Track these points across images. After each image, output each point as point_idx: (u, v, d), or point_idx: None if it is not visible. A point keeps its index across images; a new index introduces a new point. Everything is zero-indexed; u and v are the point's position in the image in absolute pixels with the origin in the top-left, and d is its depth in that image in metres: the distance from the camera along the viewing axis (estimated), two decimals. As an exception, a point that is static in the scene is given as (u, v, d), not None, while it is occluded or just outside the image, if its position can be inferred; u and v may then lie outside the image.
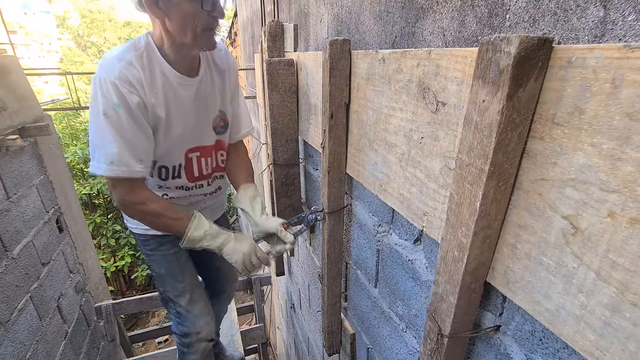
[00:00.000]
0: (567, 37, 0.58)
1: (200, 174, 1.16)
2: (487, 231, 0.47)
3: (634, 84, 0.31)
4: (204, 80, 1.05)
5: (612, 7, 0.50)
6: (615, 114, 0.33)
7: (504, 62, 0.37)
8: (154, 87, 0.93)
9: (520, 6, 0.64)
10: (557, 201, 0.39)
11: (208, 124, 1.10)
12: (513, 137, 0.41)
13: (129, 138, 0.90)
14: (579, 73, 0.36)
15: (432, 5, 0.86)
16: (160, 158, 1.05)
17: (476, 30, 0.74)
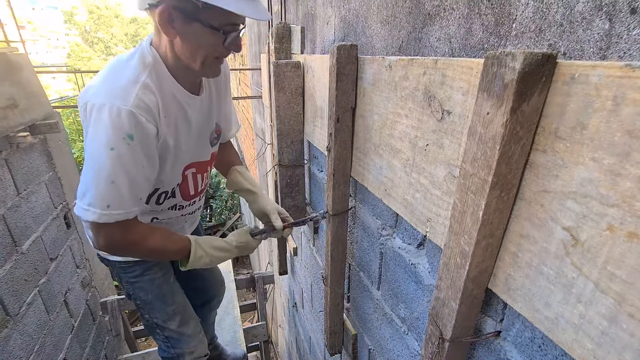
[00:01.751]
0: (572, 48, 0.58)
1: (196, 191, 1.09)
2: (489, 239, 0.48)
3: (635, 102, 0.32)
4: (205, 99, 0.99)
5: (618, 21, 0.50)
6: (616, 131, 0.34)
7: (509, 76, 0.38)
8: (167, 112, 0.84)
9: (526, 16, 0.65)
10: (558, 213, 0.40)
11: (207, 140, 1.05)
12: (516, 150, 0.42)
13: (134, 176, 0.79)
14: (582, 89, 0.37)
15: (439, 12, 0.87)
16: (163, 184, 0.97)
17: (482, 38, 0.75)
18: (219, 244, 1.02)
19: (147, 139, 0.79)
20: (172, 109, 0.86)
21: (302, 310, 2.10)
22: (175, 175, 0.98)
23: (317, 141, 1.31)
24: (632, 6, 0.49)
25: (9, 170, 1.61)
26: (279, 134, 1.40)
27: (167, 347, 1.23)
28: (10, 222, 1.58)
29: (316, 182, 1.49)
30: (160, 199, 1.00)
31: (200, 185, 1.09)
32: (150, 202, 0.99)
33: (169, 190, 1.00)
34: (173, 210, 1.07)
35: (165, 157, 0.89)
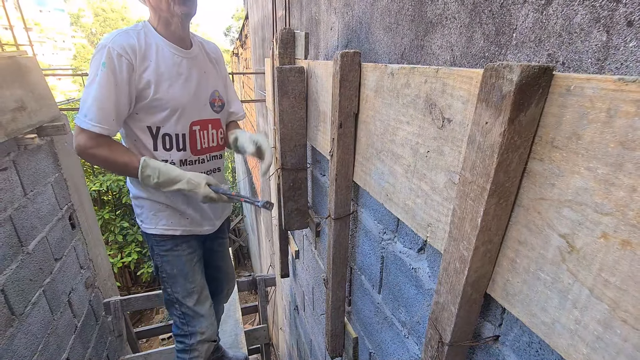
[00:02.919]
0: (571, 58, 0.60)
1: (202, 147, 1.26)
2: (487, 245, 0.49)
3: (627, 114, 0.33)
4: (200, 57, 1.21)
5: (615, 33, 0.52)
6: (609, 142, 0.35)
7: (506, 88, 0.40)
8: (147, 56, 1.07)
9: (526, 26, 0.66)
10: (555, 220, 0.42)
11: (206, 99, 1.23)
12: (514, 158, 0.43)
13: (105, 97, 1.00)
14: (577, 101, 0.38)
15: (441, 20, 0.88)
16: (163, 124, 1.14)
17: (484, 47, 0.76)
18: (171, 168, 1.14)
19: (118, 70, 1.00)
20: (152, 54, 1.07)
21: (304, 313, 2.11)
22: (179, 124, 1.16)
23: (320, 145, 1.32)
24: (629, 19, 0.50)
25: (17, 172, 1.64)
26: (282, 138, 1.41)
27: (182, 323, 1.34)
28: (17, 223, 1.60)
29: (318, 186, 1.50)
30: (165, 142, 1.16)
31: (205, 143, 1.26)
32: (159, 147, 1.17)
33: (174, 136, 1.16)
34: (184, 165, 1.22)
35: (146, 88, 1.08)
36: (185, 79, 1.15)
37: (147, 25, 1.11)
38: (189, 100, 1.16)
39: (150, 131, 1.15)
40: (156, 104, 1.10)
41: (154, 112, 1.11)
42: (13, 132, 1.57)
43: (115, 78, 1.00)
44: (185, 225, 1.29)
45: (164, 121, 1.14)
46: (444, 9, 0.88)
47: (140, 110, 1.11)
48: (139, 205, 1.27)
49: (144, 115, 1.12)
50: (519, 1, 0.67)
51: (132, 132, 1.15)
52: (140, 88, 1.07)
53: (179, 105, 1.14)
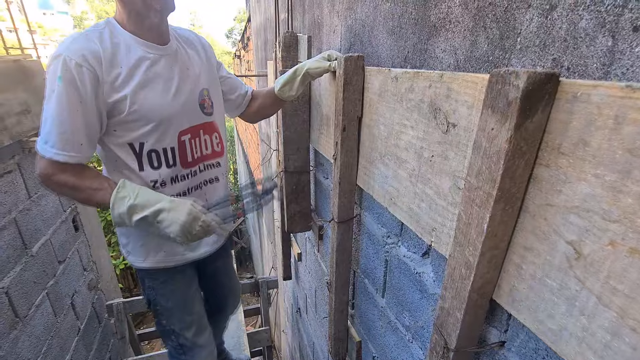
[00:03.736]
0: (576, 63, 0.59)
1: (193, 158, 1.05)
2: (493, 251, 0.49)
3: (635, 122, 0.33)
4: (179, 52, 1.00)
5: (621, 38, 0.52)
6: (617, 149, 0.35)
7: (513, 94, 0.40)
8: (115, 61, 0.87)
9: (531, 31, 0.66)
10: (562, 226, 0.41)
11: (194, 101, 1.03)
12: (520, 164, 0.43)
13: (64, 119, 0.81)
14: (584, 108, 0.38)
15: (445, 24, 0.88)
16: (146, 139, 0.94)
17: (487, 51, 0.76)
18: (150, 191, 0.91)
19: (79, 83, 0.81)
20: (122, 57, 0.88)
21: (306, 316, 2.10)
22: (166, 136, 0.97)
23: (322, 148, 1.32)
24: (635, 24, 0.50)
25: (21, 175, 1.65)
26: (285, 140, 1.42)
27: (179, 354, 1.23)
28: (22, 225, 1.61)
29: (321, 189, 1.50)
30: (152, 160, 0.97)
31: (197, 152, 1.06)
32: (145, 166, 0.97)
33: (161, 152, 0.97)
34: (176, 183, 1.03)
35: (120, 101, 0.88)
36: (165, 82, 0.95)
37: (111, 23, 0.90)
38: (174, 107, 0.96)
39: (133, 149, 0.95)
40: (135, 117, 0.91)
41: (133, 128, 0.92)
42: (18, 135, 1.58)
43: (76, 94, 0.81)
44: (180, 253, 1.11)
45: (148, 136, 0.94)
46: (447, 13, 0.88)
47: (117, 126, 0.91)
48: (125, 234, 1.09)
49: (122, 132, 0.92)
50: (523, 5, 0.67)
51: (112, 151, 0.95)
52: (111, 101, 0.87)
53: (163, 116, 0.94)
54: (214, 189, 1.15)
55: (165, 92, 0.95)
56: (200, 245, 1.15)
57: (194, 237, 0.90)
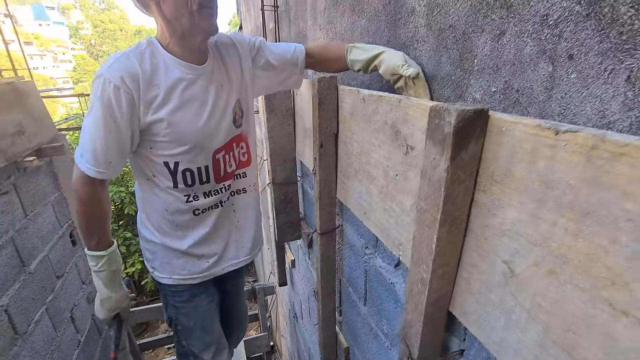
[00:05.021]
0: (524, 86, 0.64)
1: (225, 172, 1.06)
2: (444, 268, 0.52)
3: (546, 157, 0.37)
4: (215, 69, 0.98)
5: (559, 65, 0.56)
6: (535, 180, 0.39)
7: (447, 129, 0.44)
8: (154, 82, 0.88)
9: (485, 54, 0.70)
10: (498, 247, 0.45)
11: (228, 116, 1.01)
12: (460, 190, 0.47)
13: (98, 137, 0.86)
14: (509, 141, 0.42)
15: (413, 43, 0.92)
16: (181, 158, 0.96)
17: (450, 71, 0.80)
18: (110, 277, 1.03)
19: (115, 105, 0.84)
20: (160, 78, 0.89)
21: (302, 321, 2.14)
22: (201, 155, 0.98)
23: (307, 160, 1.36)
24: (570, 53, 0.54)
25: (17, 194, 1.69)
26: (272, 153, 1.45)
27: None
28: (19, 244, 1.65)
29: (309, 199, 1.54)
30: (187, 179, 0.99)
31: (230, 167, 1.06)
32: (179, 184, 0.99)
33: (195, 171, 0.99)
34: (209, 197, 1.04)
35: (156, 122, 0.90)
36: (201, 104, 0.95)
37: (153, 43, 0.90)
38: (208, 130, 0.96)
39: (168, 167, 0.96)
40: (171, 138, 0.92)
41: (168, 147, 0.94)
42: (13, 156, 1.63)
43: (112, 115, 0.85)
44: (205, 270, 1.12)
45: (183, 156, 0.95)
46: (414, 32, 0.92)
47: (153, 145, 0.93)
48: (151, 251, 1.10)
49: (158, 150, 0.94)
50: (478, 30, 0.71)
51: (147, 168, 0.98)
52: (148, 121, 0.89)
53: (197, 139, 0.95)
54: (240, 201, 1.13)
55: (199, 115, 0.95)
56: (225, 261, 1.15)
57: None
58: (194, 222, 1.05)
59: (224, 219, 1.09)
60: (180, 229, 1.05)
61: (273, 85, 1.15)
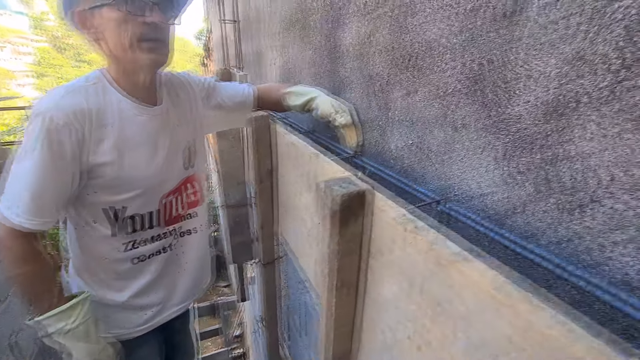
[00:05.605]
0: (431, 144, 0.67)
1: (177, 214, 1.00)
2: (345, 328, 0.55)
3: (400, 247, 0.40)
4: (170, 110, 0.93)
5: (457, 132, 0.60)
6: (404, 261, 0.42)
7: (333, 207, 0.46)
8: (104, 121, 0.80)
9: (403, 106, 0.74)
10: (385, 314, 0.48)
11: (180, 160, 0.97)
12: (353, 260, 0.50)
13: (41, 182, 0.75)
14: (383, 220, 0.44)
15: (349, 83, 0.95)
16: (129, 204, 0.88)
17: (378, 115, 0.83)
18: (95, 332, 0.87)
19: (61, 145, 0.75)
20: (111, 117, 0.82)
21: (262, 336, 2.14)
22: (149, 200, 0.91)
23: (257, 185, 1.37)
24: (463, 122, 0.58)
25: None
26: (224, 177, 1.45)
27: None
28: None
29: (262, 221, 1.55)
30: (129, 225, 0.91)
31: (181, 208, 1.00)
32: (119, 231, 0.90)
33: (141, 216, 0.92)
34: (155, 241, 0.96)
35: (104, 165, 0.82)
36: (155, 147, 0.89)
37: (102, 78, 0.83)
38: (161, 174, 0.90)
39: (111, 213, 0.87)
40: (118, 183, 0.84)
41: (116, 192, 0.85)
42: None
43: (56, 156, 0.75)
44: (147, 321, 1.01)
45: (130, 201, 0.88)
46: (350, 73, 0.95)
47: (98, 189, 0.84)
48: None
49: (102, 195, 0.85)
50: (397, 83, 0.74)
51: (86, 213, 0.87)
52: (94, 163, 0.81)
53: (151, 183, 0.88)
54: (189, 242, 1.06)
55: (152, 159, 0.88)
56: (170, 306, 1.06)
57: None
58: (134, 271, 0.96)
59: (169, 264, 1.01)
60: (121, 279, 0.95)
61: (223, 125, 1.15)
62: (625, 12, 0.34)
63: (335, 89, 1.04)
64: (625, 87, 0.34)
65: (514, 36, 0.46)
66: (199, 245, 1.08)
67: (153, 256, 0.97)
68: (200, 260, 1.09)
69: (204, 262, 1.11)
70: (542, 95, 0.43)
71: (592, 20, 0.36)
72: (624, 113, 0.35)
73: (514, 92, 0.47)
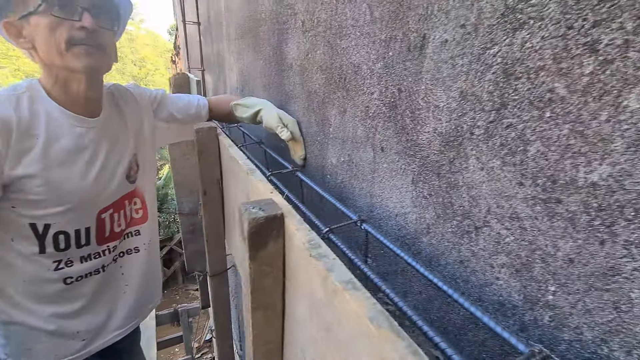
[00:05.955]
0: (359, 163, 0.70)
1: (112, 232, 0.93)
2: (268, 345, 0.56)
3: (306, 270, 0.41)
4: (112, 121, 0.89)
5: (377, 154, 0.62)
6: (307, 285, 0.43)
7: (246, 231, 0.47)
8: (31, 132, 0.76)
9: (336, 125, 0.76)
10: (299, 334, 0.49)
11: (122, 174, 0.92)
12: (268, 281, 0.50)
13: None
14: (292, 244, 0.46)
15: (293, 96, 0.97)
16: (54, 220, 0.82)
17: (317, 131, 0.85)
18: None
19: None
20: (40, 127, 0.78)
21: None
22: (82, 216, 0.86)
23: (210, 194, 1.35)
24: (382, 146, 0.61)
25: None
26: (177, 184, 1.42)
27: None
28: None
29: (218, 229, 1.53)
30: (58, 243, 0.84)
31: (119, 226, 0.94)
32: (47, 247, 0.83)
33: (73, 234, 0.85)
34: (88, 261, 0.89)
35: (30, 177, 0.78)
36: (90, 160, 0.84)
37: (34, 87, 0.79)
38: (98, 187, 0.85)
39: (34, 230, 0.81)
40: (45, 197, 0.79)
41: (40, 207, 0.79)
42: None
43: None
44: (80, 350, 0.93)
45: (57, 217, 0.81)
46: (293, 87, 0.96)
47: (18, 204, 0.78)
48: (4, 335, 0.87)
49: (23, 210, 0.79)
50: (331, 102, 0.76)
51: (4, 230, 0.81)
52: (15, 176, 0.75)
53: (83, 198, 0.83)
54: (131, 261, 1.00)
55: (87, 173, 0.83)
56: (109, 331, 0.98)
57: None
58: (66, 293, 0.87)
59: (106, 286, 0.94)
60: (47, 303, 0.86)
61: (176, 137, 1.13)
62: (493, 60, 0.37)
63: (282, 101, 1.05)
64: (495, 128, 0.38)
65: (417, 69, 0.49)
66: (143, 266, 1.01)
67: (86, 277, 0.89)
68: (144, 281, 1.03)
69: (150, 283, 1.05)
70: (438, 127, 0.46)
71: (471, 63, 0.39)
72: (495, 150, 0.38)
73: (419, 121, 0.50)
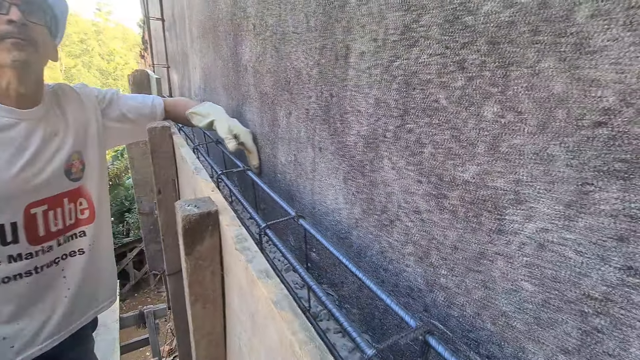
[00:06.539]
0: (303, 162, 0.73)
1: (48, 232, 0.89)
2: (210, 337, 0.58)
3: (238, 263, 0.45)
4: (50, 116, 0.90)
5: (316, 153, 0.65)
6: (242, 279, 0.46)
7: (180, 228, 0.49)
8: None
9: (284, 126, 0.79)
10: (237, 324, 0.52)
11: (58, 169, 0.91)
12: (206, 275, 0.53)
13: None
14: (226, 239, 0.49)
15: (247, 98, 0.99)
16: None
17: (269, 132, 0.88)
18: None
19: None
20: None
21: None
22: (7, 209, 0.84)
23: (170, 193, 1.35)
24: (320, 146, 0.64)
25: None
26: (136, 184, 1.40)
27: None
28: None
29: (180, 228, 1.52)
30: None
31: (56, 224, 0.91)
32: None
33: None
34: (19, 261, 0.86)
35: None
36: (18, 151, 0.84)
37: None
38: (19, 181, 0.84)
39: None
40: None
41: None
42: None
43: None
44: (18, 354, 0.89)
45: None
46: (248, 89, 0.98)
47: None
48: None
49: None
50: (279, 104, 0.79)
51: None
52: None
53: (6, 188, 0.82)
54: (75, 264, 0.97)
55: (11, 164, 0.83)
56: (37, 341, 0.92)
57: None
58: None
59: (44, 289, 0.91)
60: None
61: (130, 137, 1.11)
62: (397, 72, 0.41)
63: (240, 101, 1.07)
64: (400, 131, 0.42)
65: (344, 77, 0.53)
66: (89, 268, 0.98)
67: (14, 279, 0.86)
68: (90, 284, 0.99)
69: (97, 286, 1.02)
70: (361, 130, 0.50)
71: (382, 74, 0.44)
72: (401, 152, 0.43)
73: (347, 124, 0.54)
